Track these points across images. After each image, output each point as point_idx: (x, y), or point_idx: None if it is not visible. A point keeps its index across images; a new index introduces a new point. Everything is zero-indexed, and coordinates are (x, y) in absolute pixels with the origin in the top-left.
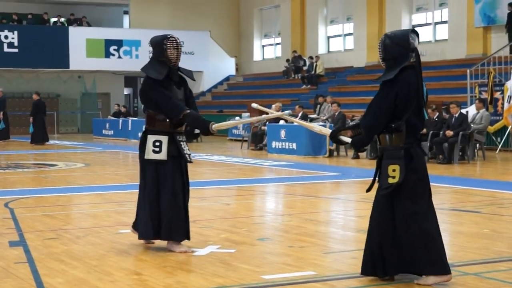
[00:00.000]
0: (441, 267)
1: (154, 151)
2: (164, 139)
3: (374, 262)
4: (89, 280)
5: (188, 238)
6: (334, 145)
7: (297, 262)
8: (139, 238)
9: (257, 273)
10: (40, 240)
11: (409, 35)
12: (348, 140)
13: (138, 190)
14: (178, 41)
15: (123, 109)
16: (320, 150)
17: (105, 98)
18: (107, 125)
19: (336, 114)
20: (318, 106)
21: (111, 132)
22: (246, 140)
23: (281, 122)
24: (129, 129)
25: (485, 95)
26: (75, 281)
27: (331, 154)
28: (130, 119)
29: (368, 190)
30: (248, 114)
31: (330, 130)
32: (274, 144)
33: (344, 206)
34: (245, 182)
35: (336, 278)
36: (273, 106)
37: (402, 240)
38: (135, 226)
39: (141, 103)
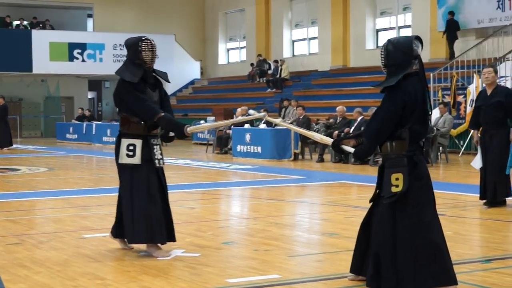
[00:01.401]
0: (448, 279)
1: (128, 155)
2: (138, 142)
3: (379, 274)
4: (53, 285)
5: (173, 240)
6: (299, 148)
7: (262, 266)
8: (115, 236)
9: (221, 276)
10: (2, 245)
11: (413, 42)
12: (351, 149)
13: (118, 194)
14: (153, 42)
15: (87, 113)
16: (285, 154)
17: (69, 102)
18: (71, 129)
19: (301, 117)
20: (283, 109)
21: (75, 136)
22: (211, 144)
23: (246, 126)
24: (93, 133)
25: (448, 99)
26: (38, 287)
27: (296, 158)
28: (94, 123)
29: (372, 200)
30: (213, 118)
31: (331, 140)
32: (239, 147)
33: (309, 210)
34: (210, 186)
35: (301, 281)
36: (239, 109)
37: (405, 253)
38: (115, 232)
39: (115, 105)
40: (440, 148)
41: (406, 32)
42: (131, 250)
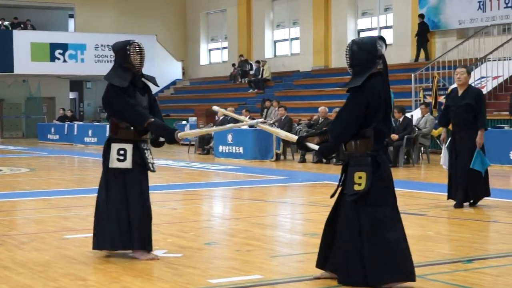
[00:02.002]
0: (405, 275)
1: (118, 160)
2: (129, 147)
3: (348, 269)
4: (34, 286)
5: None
6: (281, 149)
7: (244, 266)
8: (100, 248)
9: (203, 277)
10: None
11: (377, 42)
12: (315, 147)
13: (98, 200)
14: (141, 46)
15: (69, 113)
16: (266, 154)
17: (50, 103)
18: (52, 130)
19: (283, 118)
20: (265, 110)
21: (57, 137)
22: (193, 144)
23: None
24: (75, 133)
25: (429, 99)
26: None
27: (277, 158)
28: (76, 123)
29: (332, 195)
30: (195, 118)
31: (296, 137)
32: (221, 148)
33: (291, 210)
34: (192, 187)
35: (282, 281)
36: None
37: (369, 249)
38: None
39: (104, 110)
40: (422, 148)
41: (388, 33)
42: (115, 252)
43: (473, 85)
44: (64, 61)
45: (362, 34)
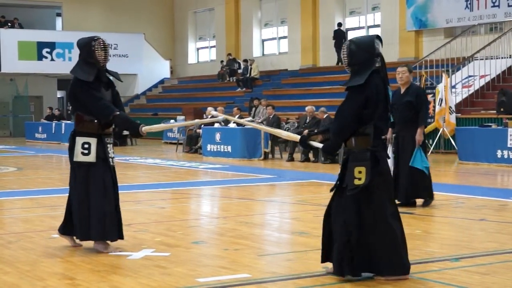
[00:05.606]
0: (401, 268)
1: (83, 153)
2: (93, 141)
3: (342, 262)
4: (21, 285)
5: (122, 238)
6: (269, 148)
7: (232, 265)
8: (83, 239)
9: (191, 276)
10: None
11: (374, 41)
12: (319, 145)
13: (69, 193)
14: (105, 42)
15: (56, 112)
16: (255, 153)
17: (38, 101)
18: (40, 129)
19: (271, 117)
20: (253, 109)
21: (44, 136)
22: (181, 143)
23: (216, 125)
24: (63, 132)
25: None
26: (6, 287)
27: (266, 157)
28: (64, 122)
29: (332, 190)
30: (183, 117)
31: (299, 136)
32: (209, 147)
33: (279, 209)
34: (180, 185)
35: (271, 280)
36: (209, 108)
37: (369, 240)
38: (66, 230)
39: (70, 104)
40: None
41: (375, 32)
42: (80, 247)
43: (460, 83)
44: (52, 59)
45: (350, 33)
